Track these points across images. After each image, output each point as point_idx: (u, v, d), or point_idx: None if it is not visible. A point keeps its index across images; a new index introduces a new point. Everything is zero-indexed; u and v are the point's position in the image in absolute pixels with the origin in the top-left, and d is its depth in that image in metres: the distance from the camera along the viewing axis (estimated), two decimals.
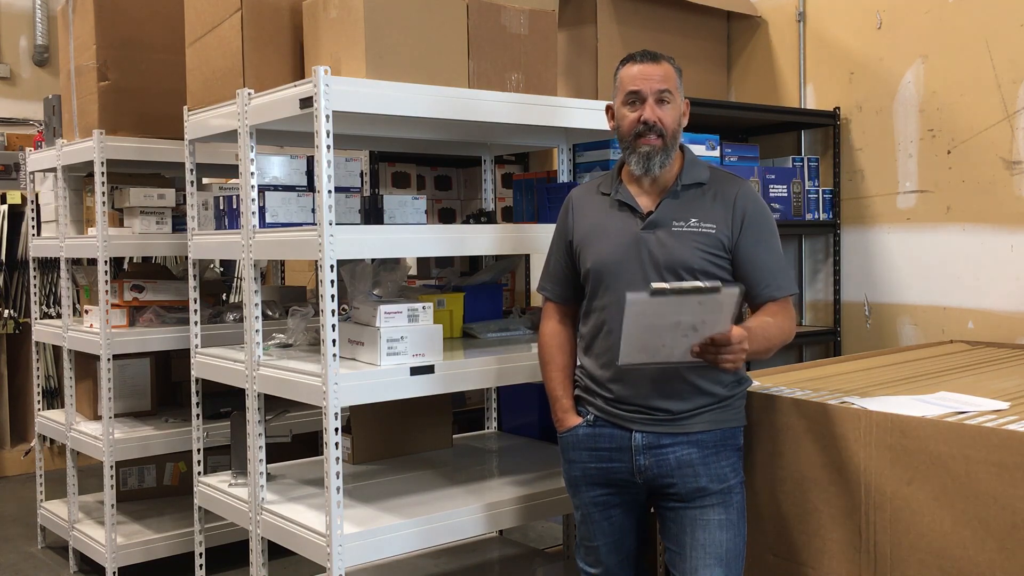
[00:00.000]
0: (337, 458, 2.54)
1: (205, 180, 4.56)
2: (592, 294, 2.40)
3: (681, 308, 2.00)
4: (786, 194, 4.01)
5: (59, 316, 4.99)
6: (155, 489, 4.33)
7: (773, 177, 3.97)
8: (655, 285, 1.98)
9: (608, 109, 2.44)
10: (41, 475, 4.38)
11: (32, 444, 5.48)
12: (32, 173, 4.33)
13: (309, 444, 3.98)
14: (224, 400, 3.74)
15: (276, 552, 2.97)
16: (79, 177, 4.00)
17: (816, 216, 4.13)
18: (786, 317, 2.33)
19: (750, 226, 2.32)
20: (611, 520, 2.43)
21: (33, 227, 4.40)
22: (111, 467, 3.70)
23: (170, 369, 4.33)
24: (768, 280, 2.32)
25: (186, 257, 3.35)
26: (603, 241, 2.37)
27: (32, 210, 4.40)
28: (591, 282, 2.39)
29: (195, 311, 3.31)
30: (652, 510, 2.49)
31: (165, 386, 4.31)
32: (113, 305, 3.71)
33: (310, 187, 3.05)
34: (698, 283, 2.01)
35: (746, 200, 2.34)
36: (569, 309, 2.54)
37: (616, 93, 2.38)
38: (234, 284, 5.76)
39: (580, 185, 2.60)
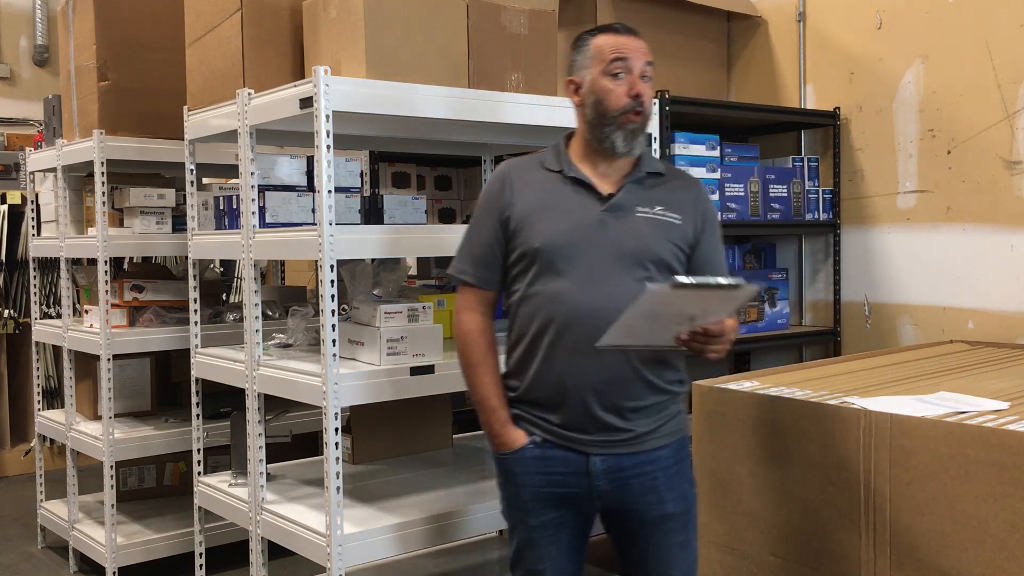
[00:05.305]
0: (337, 458, 2.54)
1: (205, 180, 4.55)
2: (533, 278, 2.14)
3: (694, 301, 1.94)
4: (786, 194, 4.01)
5: (59, 316, 4.98)
6: (155, 489, 4.33)
7: (773, 177, 3.97)
8: (678, 279, 1.88)
9: (570, 83, 2.21)
10: (41, 475, 4.38)
11: (32, 444, 5.48)
12: (32, 173, 4.33)
13: (309, 444, 3.98)
14: (224, 400, 3.74)
15: (276, 552, 2.97)
16: (79, 177, 4.00)
17: (816, 216, 4.13)
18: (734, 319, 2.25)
19: (709, 226, 2.26)
20: (559, 544, 2.23)
21: (33, 227, 4.40)
22: (111, 467, 3.70)
23: (170, 369, 4.32)
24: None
25: (186, 257, 3.35)
26: (555, 220, 2.13)
27: (32, 210, 4.40)
28: (536, 263, 2.13)
29: (195, 311, 3.31)
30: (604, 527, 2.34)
31: (165, 386, 4.31)
32: (113, 305, 3.71)
33: (310, 187, 3.05)
34: (721, 280, 1.92)
35: (705, 200, 2.29)
36: (491, 297, 2.27)
37: (589, 63, 2.17)
38: (234, 284, 5.76)
39: (515, 159, 2.32)
